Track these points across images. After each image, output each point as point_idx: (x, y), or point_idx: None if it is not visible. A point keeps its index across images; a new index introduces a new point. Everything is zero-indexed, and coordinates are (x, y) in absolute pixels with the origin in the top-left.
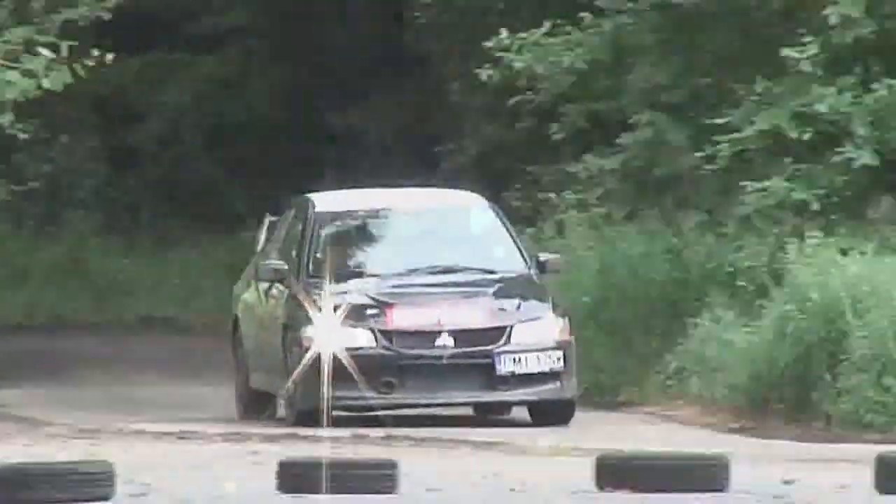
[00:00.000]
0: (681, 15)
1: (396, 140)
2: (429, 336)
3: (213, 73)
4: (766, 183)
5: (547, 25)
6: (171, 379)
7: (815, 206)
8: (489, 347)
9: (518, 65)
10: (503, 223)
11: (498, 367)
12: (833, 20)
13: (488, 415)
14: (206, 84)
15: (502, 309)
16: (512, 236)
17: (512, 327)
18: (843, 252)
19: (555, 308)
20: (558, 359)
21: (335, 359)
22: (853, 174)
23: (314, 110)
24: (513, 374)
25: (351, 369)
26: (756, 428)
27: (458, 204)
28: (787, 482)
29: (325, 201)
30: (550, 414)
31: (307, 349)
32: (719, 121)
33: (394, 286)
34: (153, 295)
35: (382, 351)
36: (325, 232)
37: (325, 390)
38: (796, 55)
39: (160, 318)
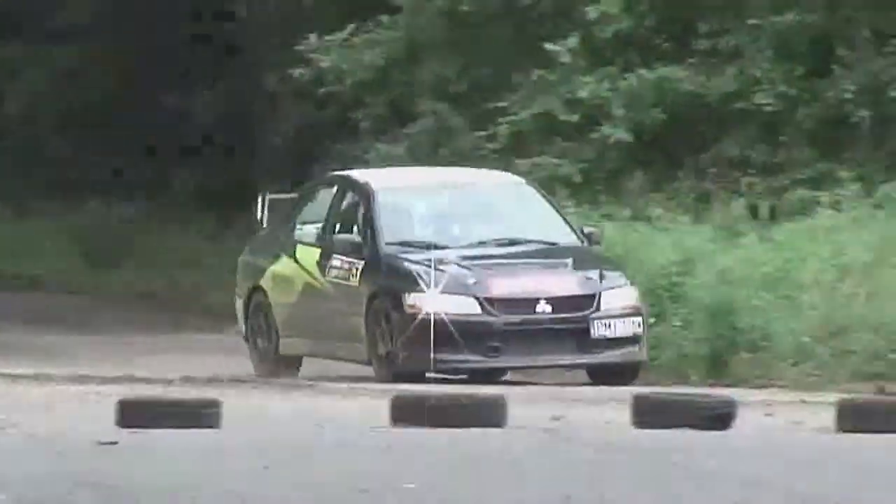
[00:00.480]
0: (464, 16)
1: (219, 121)
2: (529, 303)
3: (63, 61)
4: (537, 159)
5: (350, 28)
6: (26, 328)
7: (578, 179)
8: (583, 313)
9: (325, 64)
10: (547, 199)
11: (592, 331)
12: (593, 16)
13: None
14: (57, 71)
15: (589, 278)
16: (558, 211)
17: (600, 294)
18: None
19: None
20: (639, 324)
21: (441, 324)
22: (611, 150)
23: (150, 95)
24: (604, 338)
25: (457, 334)
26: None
27: (502, 181)
28: (555, 418)
29: (379, 179)
30: (624, 374)
31: (412, 315)
32: (501, 104)
33: (474, 257)
34: (11, 255)
35: (488, 318)
36: (389, 207)
37: (431, 353)
38: (558, 48)
39: (18, 274)
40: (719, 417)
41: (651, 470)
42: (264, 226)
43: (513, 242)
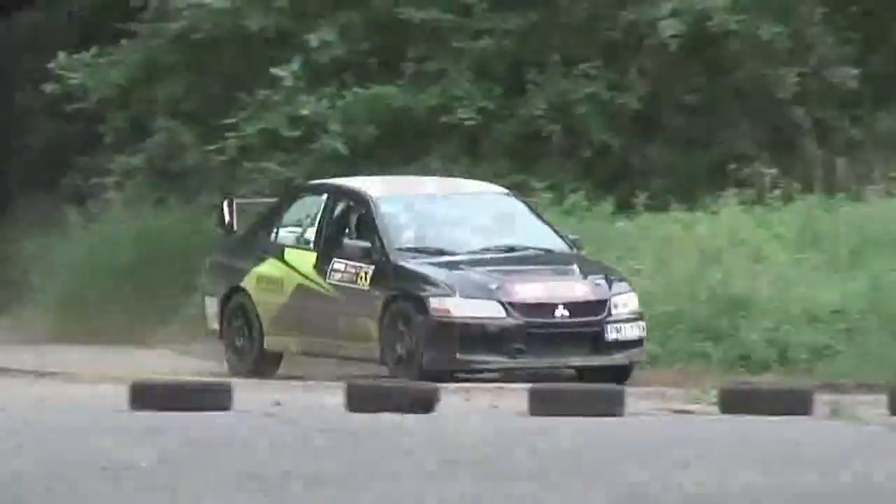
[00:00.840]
0: (196, 41)
1: None
2: (548, 308)
3: None
4: (263, 164)
5: (94, 49)
6: None
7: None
8: (598, 318)
9: (73, 81)
10: (530, 208)
11: (606, 335)
12: (314, 44)
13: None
14: None
15: (598, 284)
16: (542, 220)
17: (611, 300)
18: None
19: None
20: (643, 328)
21: (464, 326)
22: (329, 161)
23: None
24: (616, 341)
25: (483, 337)
26: None
27: (487, 190)
28: (276, 403)
29: (374, 188)
30: (623, 374)
31: (437, 318)
32: (229, 121)
33: (484, 262)
34: None
35: (513, 321)
36: (391, 215)
37: (454, 354)
38: (283, 73)
39: None
40: (423, 402)
41: (364, 448)
42: (234, 229)
43: (512, 249)
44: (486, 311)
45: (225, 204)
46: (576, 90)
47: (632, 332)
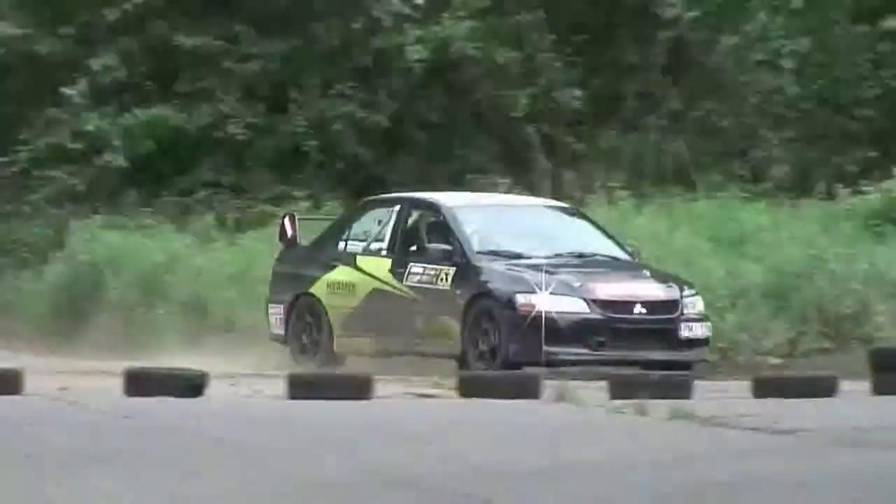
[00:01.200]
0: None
1: None
2: (628, 305)
3: None
4: (50, 172)
5: None
6: None
7: (83, 189)
8: (672, 316)
9: None
10: (590, 221)
11: (679, 332)
12: (96, 68)
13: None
14: None
15: (670, 286)
16: (603, 231)
17: (682, 300)
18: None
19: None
20: (709, 328)
21: (551, 321)
22: (110, 173)
23: None
24: (687, 339)
25: (568, 330)
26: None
27: (550, 204)
28: (62, 388)
29: (447, 199)
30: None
31: (524, 314)
32: (21, 137)
33: (559, 265)
34: None
35: (596, 316)
36: (468, 222)
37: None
38: (69, 91)
39: None
40: (193, 387)
41: (139, 428)
42: (298, 242)
43: (581, 255)
44: (573, 307)
45: (286, 219)
46: (332, 109)
47: (701, 331)
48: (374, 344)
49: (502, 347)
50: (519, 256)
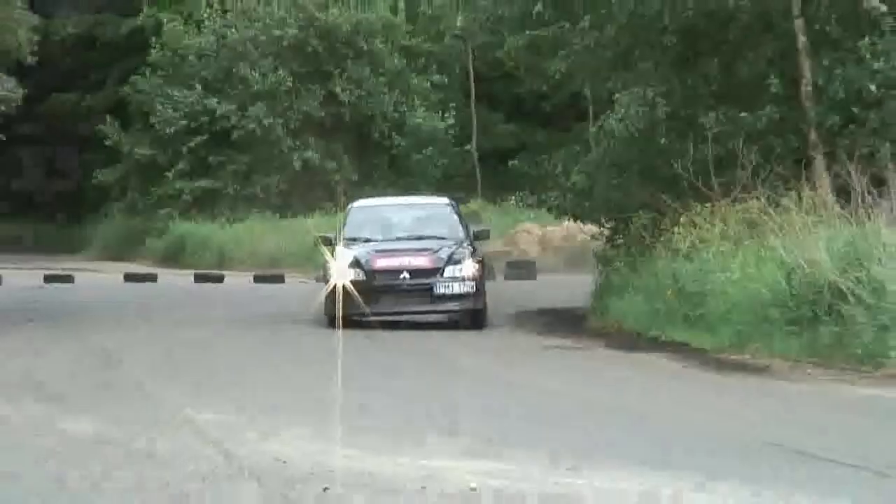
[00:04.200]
0: None
1: None
2: (395, 273)
3: None
4: None
5: None
6: None
7: None
8: (430, 280)
9: None
10: (458, 213)
11: (435, 290)
12: None
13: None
14: None
15: (440, 258)
16: (461, 219)
17: (444, 268)
18: None
19: (473, 256)
20: (472, 287)
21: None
22: None
23: None
24: (444, 295)
25: (355, 294)
26: None
27: (434, 201)
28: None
29: (358, 202)
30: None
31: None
32: None
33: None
34: None
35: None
36: (352, 218)
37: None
38: None
39: None
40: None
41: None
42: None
43: (420, 237)
44: (354, 276)
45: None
46: None
47: (459, 288)
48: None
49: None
50: (368, 241)
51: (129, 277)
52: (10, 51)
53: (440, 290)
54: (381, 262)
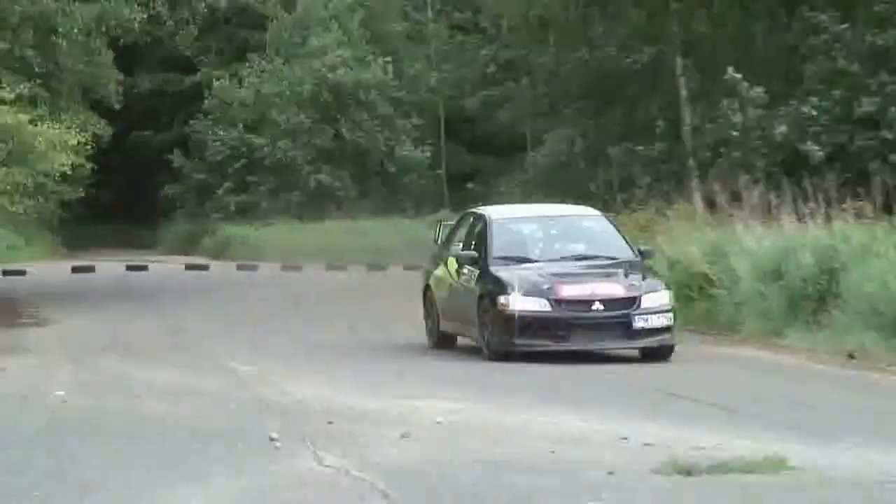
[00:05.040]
0: None
1: None
2: (586, 303)
3: None
4: None
5: None
6: None
7: None
8: (627, 311)
9: None
10: (613, 224)
11: (633, 324)
12: None
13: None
14: None
15: (633, 284)
16: (621, 235)
17: (641, 297)
18: None
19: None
20: (669, 318)
21: (521, 318)
22: None
23: None
24: (643, 329)
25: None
26: None
27: (581, 212)
28: None
29: (496, 211)
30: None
31: (502, 312)
32: None
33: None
34: None
35: (556, 314)
36: (500, 231)
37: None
38: None
39: None
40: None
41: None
42: (438, 243)
43: (584, 257)
44: (536, 306)
45: (437, 224)
46: None
47: (658, 321)
48: (454, 326)
49: (489, 339)
50: (526, 261)
51: (189, 267)
52: (102, 99)
53: (639, 323)
54: (569, 290)
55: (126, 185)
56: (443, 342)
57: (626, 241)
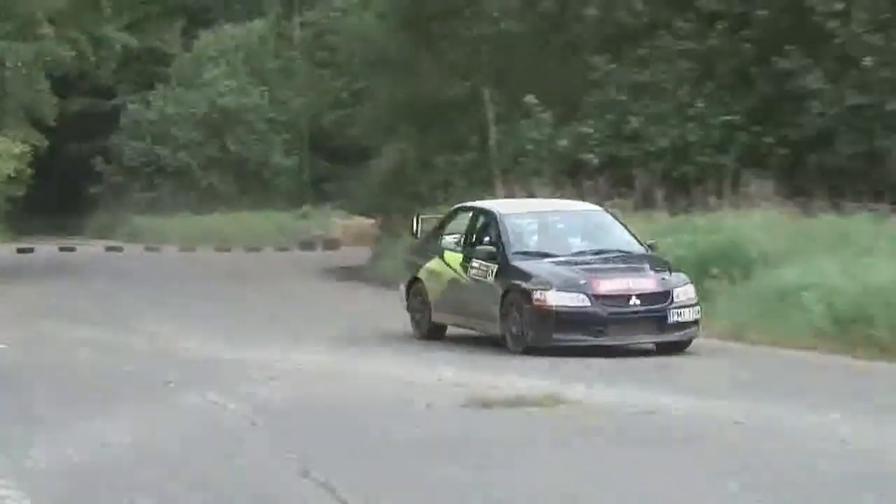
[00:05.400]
0: None
1: None
2: (624, 298)
3: None
4: None
5: None
6: None
7: None
8: (662, 305)
9: None
10: (617, 219)
11: (668, 318)
12: None
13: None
14: None
15: (664, 278)
16: (626, 228)
17: (673, 291)
18: None
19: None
20: (698, 311)
21: (559, 313)
22: None
23: None
24: (676, 322)
25: (573, 321)
26: None
27: (586, 207)
28: None
29: (503, 206)
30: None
31: (538, 307)
32: None
33: (577, 263)
34: None
35: (595, 309)
36: (511, 228)
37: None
38: None
39: None
40: None
41: None
42: (419, 236)
43: (600, 252)
44: (574, 301)
45: (415, 218)
46: None
47: (689, 314)
48: (455, 319)
49: (524, 333)
50: (546, 255)
51: (108, 248)
52: (40, 118)
53: (673, 317)
54: (606, 286)
55: (59, 186)
56: (433, 333)
57: (634, 236)
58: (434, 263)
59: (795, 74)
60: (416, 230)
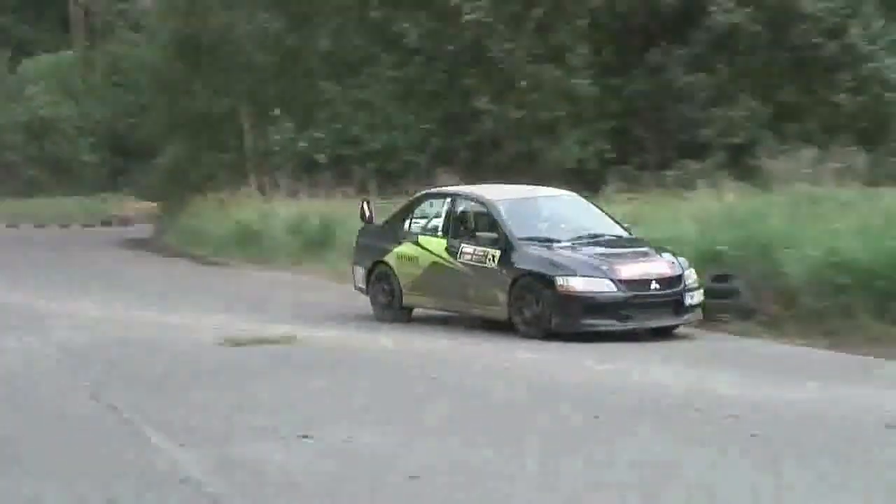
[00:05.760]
0: None
1: None
2: (645, 283)
3: None
4: None
5: None
6: None
7: None
8: (678, 289)
9: None
10: (594, 204)
11: (684, 301)
12: None
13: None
14: None
15: (673, 263)
16: (603, 211)
17: (684, 274)
18: None
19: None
20: (701, 293)
21: (584, 298)
22: None
23: None
24: (690, 305)
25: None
26: None
27: (560, 194)
28: None
29: (489, 192)
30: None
31: (562, 292)
32: None
33: (584, 247)
34: None
35: (619, 293)
36: (506, 214)
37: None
38: None
39: None
40: None
41: None
42: (373, 221)
43: (595, 236)
44: (599, 286)
45: (364, 204)
46: None
47: (698, 297)
48: (434, 301)
49: (545, 318)
50: (549, 241)
51: None
52: None
53: (688, 300)
54: (627, 271)
55: None
56: (399, 315)
57: (612, 218)
58: (405, 248)
59: (472, 94)
60: (369, 215)
